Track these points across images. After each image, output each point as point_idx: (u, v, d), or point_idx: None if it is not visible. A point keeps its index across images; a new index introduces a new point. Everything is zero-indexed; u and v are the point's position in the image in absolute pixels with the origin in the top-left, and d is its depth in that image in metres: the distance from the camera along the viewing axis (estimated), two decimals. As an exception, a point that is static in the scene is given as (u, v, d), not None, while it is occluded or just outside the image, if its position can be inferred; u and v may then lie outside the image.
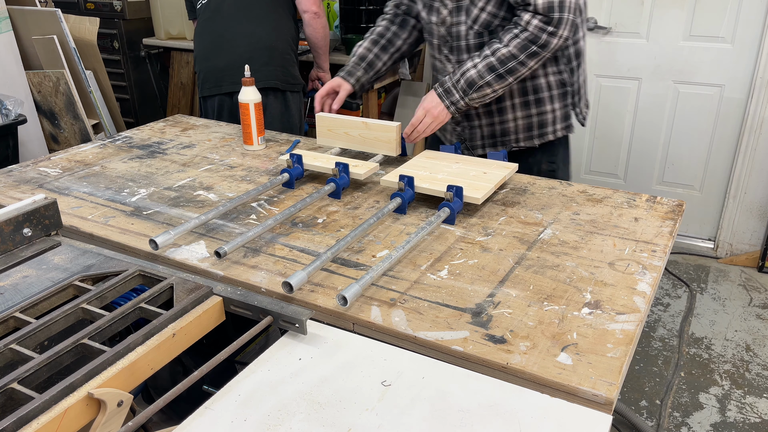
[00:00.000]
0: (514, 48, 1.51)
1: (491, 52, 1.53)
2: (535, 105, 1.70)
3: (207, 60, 2.45)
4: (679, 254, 3.21)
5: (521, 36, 1.51)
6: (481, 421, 0.80)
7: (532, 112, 1.71)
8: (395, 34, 1.83)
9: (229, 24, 2.39)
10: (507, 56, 1.52)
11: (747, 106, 2.91)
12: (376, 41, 1.83)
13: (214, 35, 2.42)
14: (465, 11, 1.62)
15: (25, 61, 3.17)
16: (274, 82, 2.36)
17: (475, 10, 1.60)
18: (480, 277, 1.13)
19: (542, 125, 1.73)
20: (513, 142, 1.75)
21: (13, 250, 1.15)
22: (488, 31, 1.62)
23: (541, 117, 1.71)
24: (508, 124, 1.73)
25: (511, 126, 1.73)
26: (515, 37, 1.52)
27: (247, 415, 0.81)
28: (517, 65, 1.53)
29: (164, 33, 3.82)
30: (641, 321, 1.01)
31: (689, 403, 2.20)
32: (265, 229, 1.27)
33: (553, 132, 1.74)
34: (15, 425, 0.73)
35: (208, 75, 2.45)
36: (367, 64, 1.81)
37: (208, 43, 2.45)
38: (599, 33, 3.14)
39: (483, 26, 1.62)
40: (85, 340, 0.88)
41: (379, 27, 1.85)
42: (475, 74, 1.54)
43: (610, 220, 1.36)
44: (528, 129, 1.73)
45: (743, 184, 3.02)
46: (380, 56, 1.82)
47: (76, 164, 1.74)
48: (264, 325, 0.97)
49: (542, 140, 1.74)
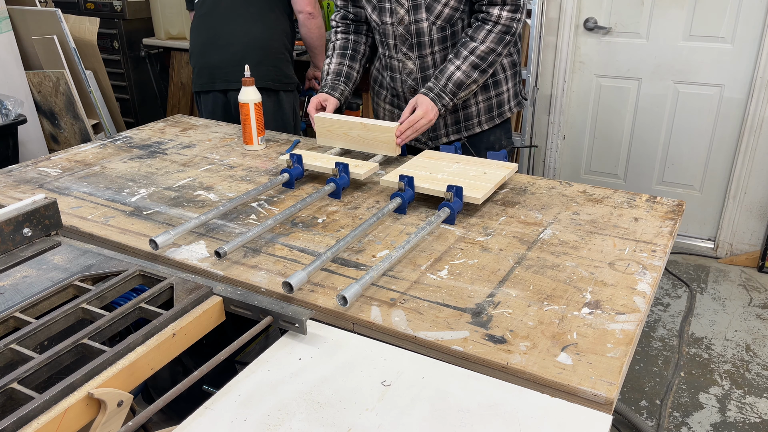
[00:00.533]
0: (492, 43, 1.62)
1: (470, 51, 1.63)
2: (494, 87, 1.83)
3: (202, 56, 2.46)
4: (679, 254, 3.21)
5: (495, 30, 1.62)
6: (481, 421, 0.80)
7: (491, 94, 1.83)
8: (356, 42, 1.88)
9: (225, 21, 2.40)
10: (487, 51, 1.63)
11: (747, 106, 2.91)
12: (344, 54, 1.87)
13: (210, 31, 2.43)
14: (425, 8, 1.67)
15: (25, 61, 3.17)
16: (266, 82, 2.36)
17: (438, 6, 1.66)
18: (480, 277, 1.13)
19: (500, 105, 1.86)
20: (476, 125, 1.87)
21: (13, 250, 1.15)
22: (450, 24, 1.71)
23: (499, 98, 1.85)
24: (470, 109, 1.84)
25: (474, 110, 1.84)
26: (489, 32, 1.62)
27: (247, 415, 0.81)
28: (496, 57, 1.65)
29: (164, 33, 3.82)
30: (641, 321, 1.01)
31: (689, 403, 2.20)
32: (265, 229, 1.27)
33: (510, 110, 1.90)
34: (15, 425, 0.73)
35: (202, 71, 2.46)
36: (345, 77, 1.85)
37: (204, 38, 2.45)
38: (599, 33, 3.14)
39: (446, 21, 1.69)
40: (85, 340, 0.88)
41: (339, 41, 1.89)
42: (462, 75, 1.64)
43: (610, 220, 1.36)
44: (489, 111, 1.85)
45: (743, 184, 3.02)
46: (353, 66, 1.87)
47: (76, 164, 1.74)
48: (264, 325, 0.97)
49: (501, 119, 1.88)
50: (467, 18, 1.72)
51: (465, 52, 1.63)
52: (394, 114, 1.96)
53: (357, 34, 1.89)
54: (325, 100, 1.80)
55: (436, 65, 1.77)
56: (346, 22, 1.89)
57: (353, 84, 1.87)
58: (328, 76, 1.85)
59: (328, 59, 1.88)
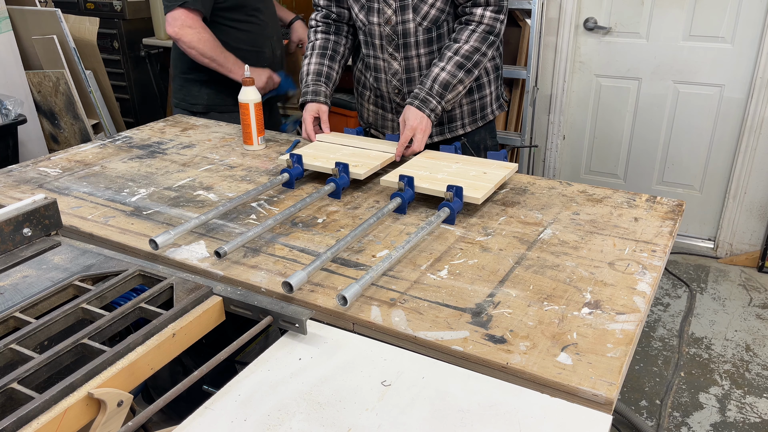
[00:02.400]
0: (475, 42, 1.63)
1: (454, 52, 1.64)
2: (477, 90, 1.84)
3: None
4: (679, 254, 3.21)
5: (478, 30, 1.63)
6: (481, 421, 0.80)
7: (475, 97, 1.84)
8: (336, 43, 1.86)
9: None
10: (471, 51, 1.63)
11: (747, 106, 2.91)
12: (323, 54, 1.84)
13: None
14: (412, 9, 1.67)
15: (25, 61, 3.18)
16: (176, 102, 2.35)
17: (425, 6, 1.67)
18: (480, 277, 1.13)
19: (483, 108, 1.88)
20: (459, 128, 1.88)
21: (13, 250, 1.15)
22: (436, 26, 1.71)
23: (482, 101, 1.86)
24: (454, 112, 1.85)
25: (457, 113, 1.85)
26: (473, 32, 1.63)
27: (247, 415, 0.81)
28: (480, 57, 1.65)
29: (164, 33, 3.81)
30: (641, 321, 1.01)
31: (689, 403, 2.20)
32: (265, 229, 1.27)
33: (492, 112, 1.91)
34: (15, 425, 0.73)
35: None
36: (326, 77, 1.82)
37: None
38: (599, 33, 3.14)
39: (432, 22, 1.70)
40: (85, 340, 0.88)
41: (318, 40, 1.86)
42: (447, 76, 1.64)
43: (610, 220, 1.36)
44: (472, 114, 1.87)
45: (743, 184, 3.02)
46: (333, 67, 1.84)
47: (76, 164, 1.74)
48: (264, 325, 0.97)
49: (484, 122, 1.90)
50: (453, 21, 1.73)
51: (449, 53, 1.64)
52: (378, 114, 1.95)
53: (337, 35, 1.87)
54: (317, 111, 1.78)
55: (421, 67, 1.77)
56: (327, 21, 1.86)
57: (333, 85, 1.84)
58: (309, 77, 1.82)
59: (307, 59, 1.85)
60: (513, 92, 3.29)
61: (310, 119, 1.77)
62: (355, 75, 2.00)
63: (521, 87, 3.24)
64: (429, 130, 1.66)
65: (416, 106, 1.63)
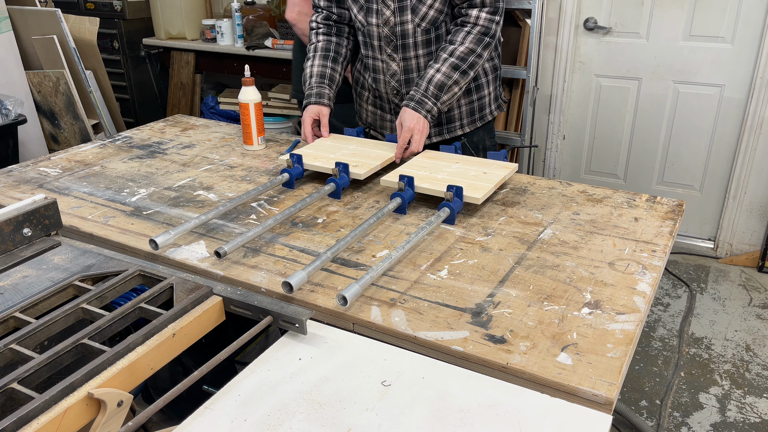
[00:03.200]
0: (471, 43, 1.63)
1: (449, 53, 1.64)
2: (476, 91, 1.84)
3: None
4: (679, 254, 3.21)
5: (474, 31, 1.63)
6: (481, 421, 0.80)
7: (473, 98, 1.84)
8: (338, 44, 1.86)
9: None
10: (466, 52, 1.63)
11: (747, 106, 2.91)
12: (326, 56, 1.83)
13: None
14: (411, 10, 1.68)
15: (25, 61, 3.17)
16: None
17: (423, 8, 1.67)
18: (480, 277, 1.13)
19: (481, 109, 1.88)
20: (458, 128, 1.88)
21: (13, 250, 1.15)
22: (434, 27, 1.71)
23: (481, 101, 1.86)
24: (453, 113, 1.85)
25: (456, 113, 1.85)
26: (468, 33, 1.63)
27: (247, 415, 0.81)
28: (476, 59, 1.65)
29: (164, 33, 3.82)
30: (641, 321, 1.01)
31: (689, 403, 2.20)
32: (265, 229, 1.27)
33: (491, 113, 1.90)
34: (15, 425, 0.73)
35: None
36: (329, 79, 1.82)
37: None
38: (599, 33, 3.14)
39: (430, 23, 1.70)
40: (85, 340, 0.88)
41: (320, 42, 1.86)
42: (442, 77, 1.64)
43: (610, 220, 1.36)
44: (471, 114, 1.87)
45: (743, 184, 3.02)
46: (335, 68, 1.84)
47: (76, 164, 1.74)
48: (264, 325, 0.97)
49: (482, 122, 1.90)
50: (451, 22, 1.73)
51: (444, 55, 1.64)
52: (377, 115, 1.95)
53: (339, 36, 1.87)
54: (317, 114, 1.77)
55: (419, 68, 1.77)
56: (328, 23, 1.86)
57: (336, 86, 1.84)
58: (312, 79, 1.81)
59: (310, 61, 1.84)
60: (513, 92, 3.28)
61: (310, 121, 1.77)
62: (354, 75, 2.00)
63: (521, 87, 3.23)
64: (426, 131, 1.66)
65: (412, 108, 1.64)
